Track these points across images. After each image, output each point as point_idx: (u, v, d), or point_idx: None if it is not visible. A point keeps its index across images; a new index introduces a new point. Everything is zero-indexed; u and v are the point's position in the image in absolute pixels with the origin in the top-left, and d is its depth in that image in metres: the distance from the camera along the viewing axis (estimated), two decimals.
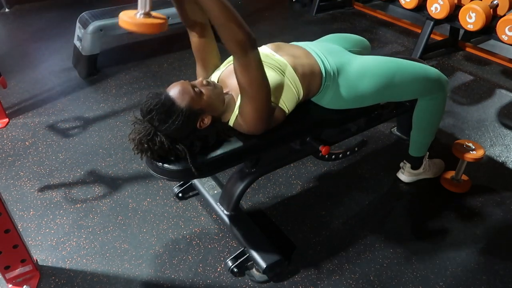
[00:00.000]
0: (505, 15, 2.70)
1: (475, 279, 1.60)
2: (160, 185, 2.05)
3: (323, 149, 1.59)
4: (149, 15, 1.16)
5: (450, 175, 2.05)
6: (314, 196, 1.99)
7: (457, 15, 2.88)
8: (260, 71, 1.26)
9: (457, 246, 1.74)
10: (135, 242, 1.76)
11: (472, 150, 1.91)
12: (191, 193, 1.99)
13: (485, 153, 1.97)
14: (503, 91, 2.85)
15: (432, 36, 3.27)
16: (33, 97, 2.80)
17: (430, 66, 1.74)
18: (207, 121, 1.34)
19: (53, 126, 2.51)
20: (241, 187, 1.59)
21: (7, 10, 4.29)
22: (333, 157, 1.89)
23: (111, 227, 1.83)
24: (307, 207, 1.93)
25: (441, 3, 2.93)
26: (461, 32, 3.41)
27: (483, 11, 2.70)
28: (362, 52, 1.80)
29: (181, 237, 1.78)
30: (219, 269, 1.64)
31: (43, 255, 1.70)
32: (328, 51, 1.57)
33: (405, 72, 1.63)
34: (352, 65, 1.57)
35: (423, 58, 3.18)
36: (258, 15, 4.25)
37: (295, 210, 1.92)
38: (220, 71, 1.49)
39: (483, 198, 1.97)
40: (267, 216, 1.88)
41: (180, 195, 1.95)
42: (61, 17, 4.11)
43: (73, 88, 2.91)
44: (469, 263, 1.66)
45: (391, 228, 1.82)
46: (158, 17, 1.17)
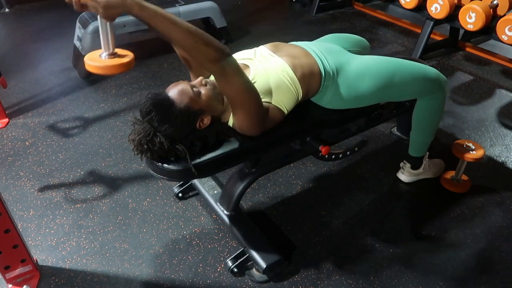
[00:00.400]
0: (505, 15, 2.70)
1: (475, 279, 1.60)
2: (160, 185, 2.05)
3: (323, 149, 1.59)
4: (114, 54, 1.13)
5: (450, 175, 2.05)
6: (314, 196, 1.99)
7: (457, 15, 2.87)
8: (241, 78, 1.24)
9: (457, 246, 1.74)
10: (135, 242, 1.76)
11: (472, 150, 1.91)
12: (191, 193, 1.99)
13: (485, 153, 1.97)
14: (503, 91, 2.85)
15: (432, 36, 3.27)
16: (33, 97, 2.81)
17: (430, 66, 1.74)
18: (207, 121, 1.34)
19: (53, 126, 2.51)
20: (241, 187, 1.59)
21: (7, 10, 4.29)
22: (333, 157, 1.89)
23: (111, 227, 1.83)
24: (307, 207, 1.93)
25: (441, 3, 2.93)
26: (461, 32, 3.41)
27: (483, 11, 2.70)
28: (361, 52, 1.80)
29: (181, 237, 1.78)
30: (219, 269, 1.64)
31: (43, 255, 1.70)
32: (327, 51, 1.57)
33: (404, 72, 1.63)
34: (351, 65, 1.57)
35: (423, 58, 3.18)
36: (258, 15, 4.25)
37: (295, 210, 1.92)
38: None
39: (483, 198, 1.97)
40: (267, 216, 1.88)
41: (180, 195, 1.95)
42: (61, 17, 4.11)
43: (73, 88, 2.91)
44: (469, 263, 1.66)
45: (391, 228, 1.82)
46: (123, 55, 1.13)
